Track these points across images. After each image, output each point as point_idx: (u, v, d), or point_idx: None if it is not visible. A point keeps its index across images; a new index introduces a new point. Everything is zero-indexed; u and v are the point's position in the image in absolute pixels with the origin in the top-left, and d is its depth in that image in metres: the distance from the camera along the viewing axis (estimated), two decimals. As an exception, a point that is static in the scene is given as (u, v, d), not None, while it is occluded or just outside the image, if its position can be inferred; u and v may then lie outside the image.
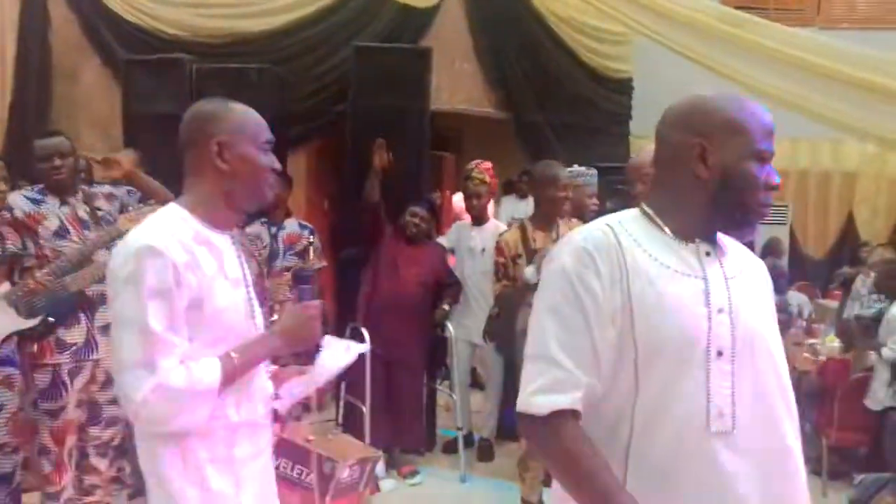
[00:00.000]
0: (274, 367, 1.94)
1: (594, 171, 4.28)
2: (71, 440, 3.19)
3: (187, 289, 1.51)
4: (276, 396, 1.86)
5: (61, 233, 3.11)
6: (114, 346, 1.51)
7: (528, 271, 3.45)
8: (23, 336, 2.93)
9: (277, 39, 5.74)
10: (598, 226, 1.35)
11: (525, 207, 6.26)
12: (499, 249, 3.73)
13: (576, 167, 4.29)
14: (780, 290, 5.00)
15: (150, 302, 1.46)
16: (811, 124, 5.41)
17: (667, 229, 1.32)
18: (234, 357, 1.58)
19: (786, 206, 6.91)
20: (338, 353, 2.04)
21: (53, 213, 3.14)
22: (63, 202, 3.19)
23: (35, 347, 3.04)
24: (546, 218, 3.73)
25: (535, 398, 1.24)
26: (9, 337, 2.86)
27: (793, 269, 6.38)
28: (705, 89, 1.40)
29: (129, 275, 1.48)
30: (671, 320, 1.24)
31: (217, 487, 1.57)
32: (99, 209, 3.25)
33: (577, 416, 1.24)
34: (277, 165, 1.71)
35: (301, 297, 1.82)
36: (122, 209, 3.24)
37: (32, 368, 3.10)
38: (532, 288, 3.30)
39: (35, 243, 3.08)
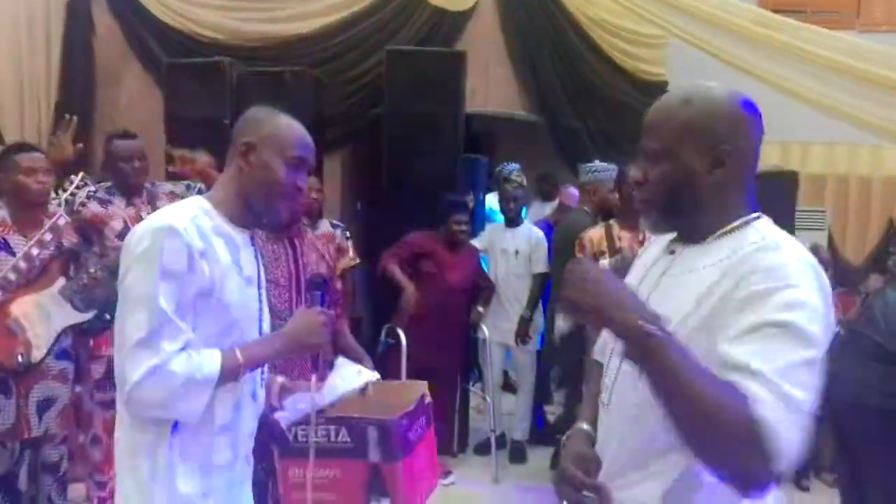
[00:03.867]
0: (283, 379, 1.89)
1: (615, 167, 4.26)
2: None
3: (200, 276, 1.48)
4: (280, 407, 1.83)
5: (125, 234, 3.22)
6: (118, 322, 1.47)
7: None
8: (81, 330, 3.03)
9: (313, 43, 5.83)
10: None
11: (548, 210, 6.21)
12: (580, 246, 3.60)
13: (596, 163, 4.28)
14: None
15: (162, 281, 1.44)
16: (849, 129, 5.33)
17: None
18: (238, 353, 1.54)
19: (823, 212, 6.81)
20: (349, 377, 1.99)
21: (119, 214, 3.29)
22: (129, 202, 3.33)
23: (91, 341, 3.16)
24: (633, 217, 3.46)
25: None
26: (66, 330, 2.93)
27: (831, 276, 6.27)
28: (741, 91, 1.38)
29: (145, 251, 1.45)
30: None
31: (185, 491, 1.52)
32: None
33: None
34: (302, 185, 1.66)
35: (312, 303, 1.74)
36: None
37: (89, 360, 3.22)
38: None
39: (101, 243, 3.21)
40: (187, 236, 1.47)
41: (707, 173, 1.26)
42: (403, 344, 4.06)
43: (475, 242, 4.84)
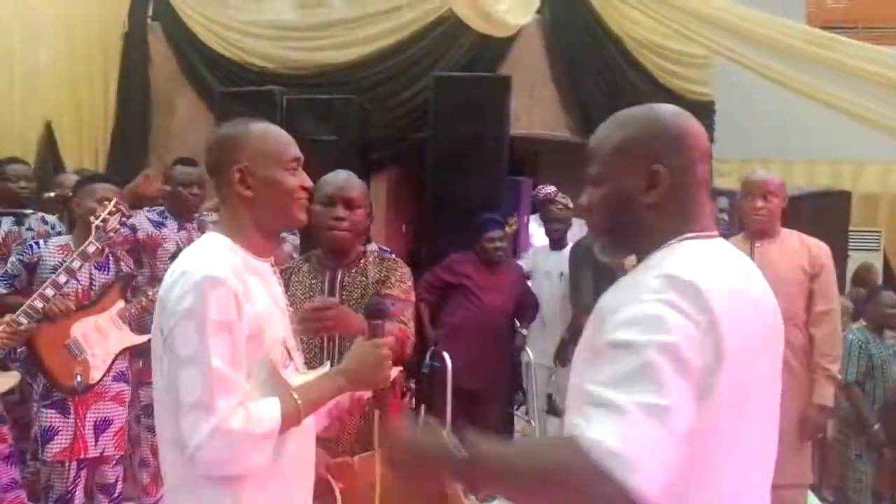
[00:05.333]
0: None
1: None
2: None
3: (248, 320, 1.42)
4: None
5: (176, 256, 3.33)
6: (169, 381, 1.40)
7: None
8: (137, 353, 3.12)
9: (360, 70, 5.94)
10: None
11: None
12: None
13: None
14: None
15: (212, 337, 1.36)
16: (905, 147, 5.20)
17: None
18: (296, 398, 1.46)
19: (878, 232, 6.63)
20: None
21: (172, 237, 3.40)
22: (181, 227, 3.44)
23: (141, 364, 3.24)
24: None
25: None
26: (123, 353, 3.02)
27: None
28: (788, 110, 1.36)
29: (190, 308, 1.37)
30: None
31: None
32: None
33: None
34: (308, 183, 1.58)
35: (373, 334, 1.62)
36: None
37: (138, 385, 3.30)
38: None
39: (152, 265, 3.32)
40: (230, 282, 1.40)
41: (643, 194, 1.23)
42: (449, 366, 4.06)
43: (521, 264, 4.84)
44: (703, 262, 1.16)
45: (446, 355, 4.09)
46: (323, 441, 1.87)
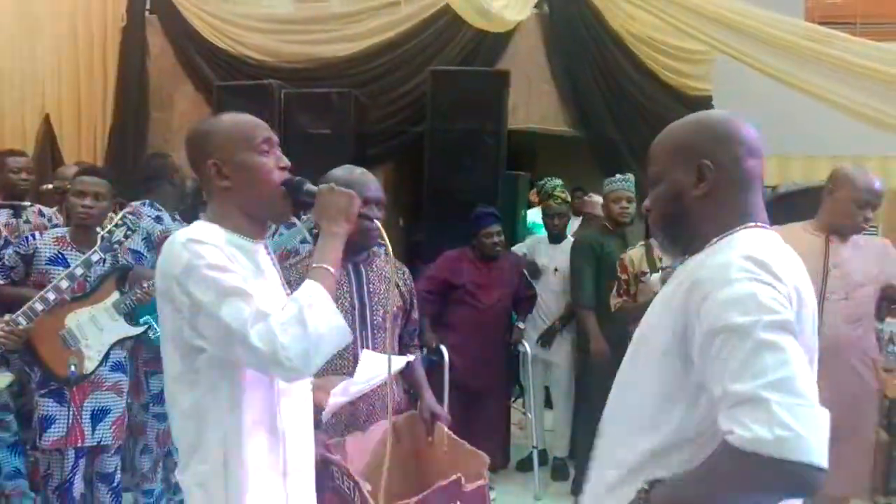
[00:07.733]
0: (314, 379, 1.87)
1: (628, 177, 4.24)
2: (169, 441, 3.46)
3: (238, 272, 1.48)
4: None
5: None
6: (216, 334, 1.42)
7: (654, 279, 3.30)
8: (139, 343, 3.14)
9: (357, 64, 5.93)
10: None
11: (576, 225, 6.13)
12: (622, 266, 3.60)
13: (616, 175, 4.26)
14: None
15: (221, 273, 1.42)
16: (903, 142, 5.21)
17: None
18: (316, 264, 1.52)
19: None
20: (377, 363, 2.03)
21: (174, 230, 3.42)
22: (174, 219, 3.47)
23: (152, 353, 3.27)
24: None
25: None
26: (122, 343, 3.04)
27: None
28: (787, 107, 1.42)
29: (187, 265, 1.42)
30: None
31: (257, 499, 1.51)
32: None
33: None
34: (285, 162, 1.59)
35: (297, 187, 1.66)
36: None
37: (148, 374, 3.34)
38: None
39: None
40: (211, 242, 1.46)
41: (693, 188, 1.36)
42: (447, 359, 4.06)
43: (519, 248, 4.84)
44: (772, 247, 1.27)
45: (444, 349, 4.09)
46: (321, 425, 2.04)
